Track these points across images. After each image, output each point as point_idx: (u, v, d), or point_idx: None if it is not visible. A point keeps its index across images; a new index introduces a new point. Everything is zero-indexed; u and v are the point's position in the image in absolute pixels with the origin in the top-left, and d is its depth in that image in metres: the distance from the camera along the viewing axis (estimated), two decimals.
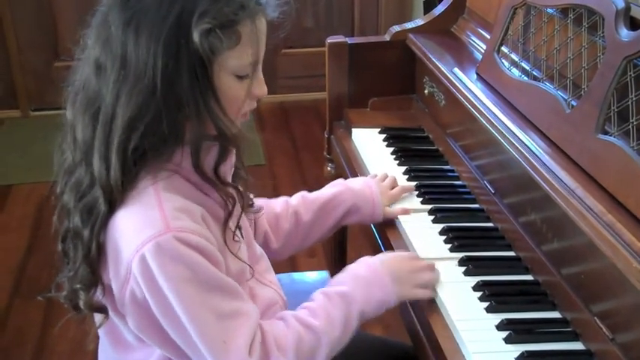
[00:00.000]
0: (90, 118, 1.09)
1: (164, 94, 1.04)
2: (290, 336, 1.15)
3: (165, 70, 1.03)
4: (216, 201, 1.16)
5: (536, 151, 1.34)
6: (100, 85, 1.08)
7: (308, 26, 4.16)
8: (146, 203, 1.08)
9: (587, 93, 1.29)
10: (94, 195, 1.10)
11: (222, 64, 1.07)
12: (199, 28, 1.03)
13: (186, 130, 1.09)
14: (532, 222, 1.37)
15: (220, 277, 1.11)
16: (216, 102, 1.08)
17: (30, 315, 2.53)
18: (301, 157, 3.66)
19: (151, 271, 1.05)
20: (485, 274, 1.34)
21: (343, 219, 1.52)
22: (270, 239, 1.48)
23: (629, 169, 1.14)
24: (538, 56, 1.53)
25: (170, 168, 1.11)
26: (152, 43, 1.03)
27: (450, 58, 1.83)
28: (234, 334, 1.10)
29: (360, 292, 1.22)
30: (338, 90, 2.01)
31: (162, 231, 1.05)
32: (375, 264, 1.27)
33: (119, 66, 1.06)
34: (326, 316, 1.18)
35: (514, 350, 1.16)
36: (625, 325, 1.09)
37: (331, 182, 1.58)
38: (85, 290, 1.14)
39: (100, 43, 1.08)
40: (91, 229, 1.10)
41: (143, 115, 1.05)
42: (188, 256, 1.06)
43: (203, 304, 1.08)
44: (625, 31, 1.24)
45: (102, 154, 1.08)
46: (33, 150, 3.50)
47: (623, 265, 1.05)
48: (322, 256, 2.78)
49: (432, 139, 1.87)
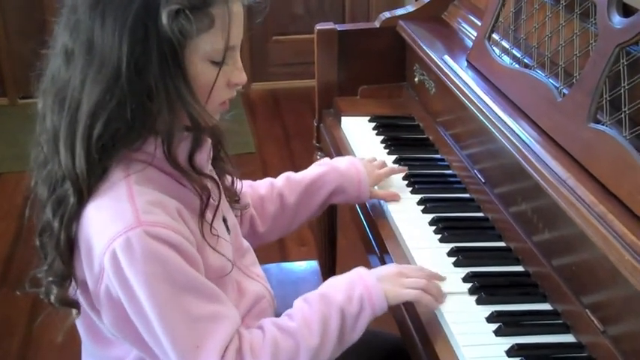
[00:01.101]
0: (58, 106, 1.07)
1: (129, 80, 1.01)
2: (266, 342, 1.12)
3: (131, 55, 1.00)
4: (193, 192, 1.12)
5: (527, 140, 1.32)
6: (68, 73, 1.05)
7: (299, 13, 4.13)
8: (117, 196, 1.05)
9: (579, 81, 1.27)
10: (65, 187, 1.07)
11: (195, 49, 1.04)
12: (167, 9, 0.99)
13: (158, 119, 1.05)
14: (523, 212, 1.35)
15: (196, 278, 1.07)
16: (188, 89, 1.04)
17: (17, 305, 2.50)
18: (292, 145, 3.64)
19: (122, 268, 1.02)
20: (475, 265, 1.33)
21: (329, 199, 1.50)
22: (256, 223, 1.45)
23: (621, 158, 1.12)
24: (529, 43, 1.51)
25: (143, 159, 1.08)
26: (118, 27, 1.00)
27: (440, 45, 1.81)
28: (207, 338, 1.07)
29: (340, 291, 1.16)
30: (327, 78, 1.99)
31: (133, 225, 1.02)
32: (361, 269, 1.22)
33: (85, 51, 1.03)
34: (302, 318, 1.14)
35: (504, 343, 1.15)
36: (616, 318, 1.08)
37: (317, 162, 1.56)
38: (58, 284, 1.12)
39: (68, 30, 1.05)
40: (60, 221, 1.07)
41: (107, 101, 1.02)
42: (160, 252, 1.03)
43: (175, 304, 1.05)
44: (617, 17, 1.22)
45: (67, 143, 1.05)
46: (21, 138, 3.37)
47: (614, 256, 1.04)
48: (313, 244, 2.77)
49: (423, 127, 1.85)
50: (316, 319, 1.13)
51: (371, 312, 1.16)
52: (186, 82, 1.04)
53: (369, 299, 1.16)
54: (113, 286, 1.05)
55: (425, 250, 1.38)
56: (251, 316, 1.26)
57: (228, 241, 1.22)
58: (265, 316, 1.30)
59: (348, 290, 1.16)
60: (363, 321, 1.16)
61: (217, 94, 1.10)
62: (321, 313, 1.14)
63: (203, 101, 1.08)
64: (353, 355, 1.32)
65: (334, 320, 1.14)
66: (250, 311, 1.27)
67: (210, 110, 1.10)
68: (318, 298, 1.17)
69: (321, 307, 1.15)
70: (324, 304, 1.15)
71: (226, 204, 1.29)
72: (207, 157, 1.18)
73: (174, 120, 1.05)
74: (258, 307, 1.28)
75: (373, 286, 1.17)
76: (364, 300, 1.16)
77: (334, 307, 1.14)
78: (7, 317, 2.50)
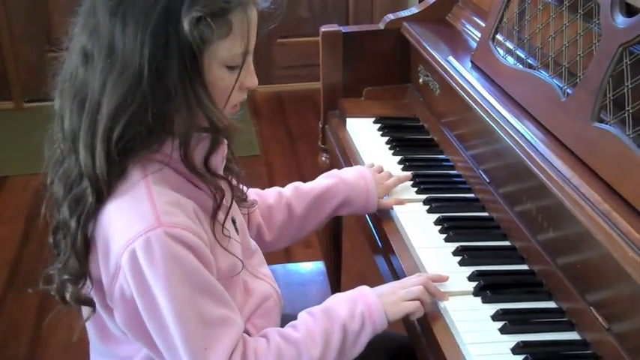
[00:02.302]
0: (77, 107, 1.08)
1: (151, 84, 1.02)
2: (270, 349, 1.13)
3: (152, 59, 1.02)
4: (207, 193, 1.14)
5: (532, 139, 1.33)
6: (87, 75, 1.07)
7: (303, 15, 4.14)
8: (137, 197, 1.06)
9: (583, 81, 1.27)
10: (83, 186, 1.08)
11: (213, 55, 1.06)
12: (189, 17, 1.01)
13: (176, 121, 1.07)
14: (527, 211, 1.36)
15: (211, 281, 1.09)
16: (206, 93, 1.06)
17: (25, 307, 2.52)
18: (296, 148, 3.64)
19: (140, 267, 1.04)
20: (480, 264, 1.33)
21: (336, 211, 1.51)
22: (263, 231, 1.46)
23: (624, 157, 1.13)
24: (533, 44, 1.51)
25: (160, 159, 1.09)
26: (139, 32, 1.01)
27: (444, 46, 1.81)
28: (216, 341, 1.08)
29: (343, 307, 1.18)
30: (332, 79, 2.00)
31: (154, 225, 1.03)
32: (363, 287, 1.24)
33: (106, 55, 1.04)
34: (306, 329, 1.16)
35: (509, 340, 1.15)
36: (621, 315, 1.08)
37: (325, 173, 1.56)
38: (73, 282, 1.12)
39: (87, 32, 1.06)
40: (78, 220, 1.08)
41: (128, 105, 1.03)
42: (179, 253, 1.04)
43: (191, 306, 1.06)
44: (621, 17, 1.23)
45: (87, 144, 1.06)
46: (27, 141, 3.44)
47: (619, 254, 1.04)
48: (318, 246, 2.77)
49: (427, 128, 1.85)
50: (319, 332, 1.15)
51: (372, 329, 1.19)
52: (203, 86, 1.06)
53: (370, 316, 1.18)
54: (128, 286, 1.06)
55: (430, 249, 1.39)
56: (258, 315, 1.28)
57: (238, 242, 1.23)
58: (272, 316, 1.31)
59: (350, 307, 1.18)
60: (364, 337, 1.18)
61: (232, 97, 1.12)
62: (324, 327, 1.16)
63: (220, 104, 1.10)
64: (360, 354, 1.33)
65: (336, 335, 1.16)
66: (257, 310, 1.28)
67: (225, 113, 1.12)
68: (322, 312, 1.19)
69: (324, 322, 1.17)
70: (327, 319, 1.17)
71: (234, 204, 1.30)
72: (222, 158, 1.20)
73: (191, 123, 1.07)
74: (265, 306, 1.29)
75: (374, 304, 1.19)
76: (365, 317, 1.18)
77: (337, 323, 1.17)
78: (14, 318, 2.51)
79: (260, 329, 1.24)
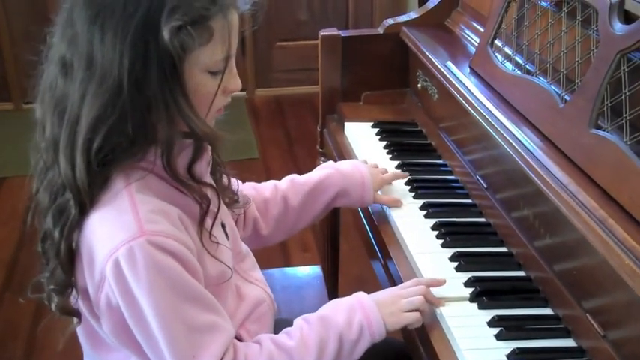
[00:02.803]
0: (57, 117, 1.06)
1: (130, 95, 1.01)
2: (262, 356, 1.12)
3: (132, 69, 1.00)
4: (193, 199, 1.12)
5: (529, 146, 1.33)
6: (66, 85, 1.05)
7: (303, 19, 4.14)
8: (119, 206, 1.05)
9: (581, 87, 1.27)
10: (66, 197, 1.07)
11: (194, 62, 1.04)
12: (169, 26, 0.99)
13: (158, 130, 1.06)
14: (524, 217, 1.35)
15: (197, 288, 1.08)
16: (187, 101, 1.04)
17: (21, 309, 2.52)
18: (295, 151, 3.64)
19: (124, 276, 1.03)
20: (477, 270, 1.33)
21: (333, 202, 1.50)
22: (260, 225, 1.45)
23: (622, 164, 1.12)
24: (531, 50, 1.51)
25: (144, 167, 1.08)
26: (118, 42, 0.99)
27: (443, 51, 1.81)
28: (204, 348, 1.07)
29: (341, 316, 1.17)
30: (331, 83, 2.00)
31: (136, 234, 1.02)
32: (361, 294, 1.23)
33: (85, 65, 1.02)
34: (300, 337, 1.15)
35: (505, 347, 1.15)
36: (617, 322, 1.08)
37: (321, 165, 1.56)
38: (58, 293, 1.12)
39: (66, 42, 1.05)
40: (61, 231, 1.07)
41: (108, 116, 1.02)
42: (163, 261, 1.03)
43: (176, 313, 1.05)
44: (619, 24, 1.23)
45: (67, 156, 1.05)
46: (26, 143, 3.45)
47: (615, 261, 1.04)
48: (315, 250, 2.77)
49: (425, 133, 1.85)
50: (314, 340, 1.14)
51: (370, 339, 1.17)
52: (184, 94, 1.04)
53: (368, 327, 1.17)
54: (113, 295, 1.05)
55: (427, 254, 1.39)
56: (251, 320, 1.27)
57: (227, 247, 1.22)
58: (265, 321, 1.30)
59: (348, 316, 1.17)
60: (361, 347, 1.17)
61: (215, 101, 1.10)
62: (320, 335, 1.15)
63: (204, 111, 1.08)
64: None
65: (332, 343, 1.15)
66: (250, 315, 1.27)
67: (208, 118, 1.11)
68: (318, 319, 1.17)
69: (320, 329, 1.15)
70: (322, 327, 1.16)
71: (224, 209, 1.29)
72: (207, 164, 1.18)
73: (173, 131, 1.05)
74: (257, 311, 1.28)
75: (373, 313, 1.18)
76: (364, 327, 1.17)
77: (333, 331, 1.15)
78: (11, 321, 2.51)
79: (253, 334, 1.24)
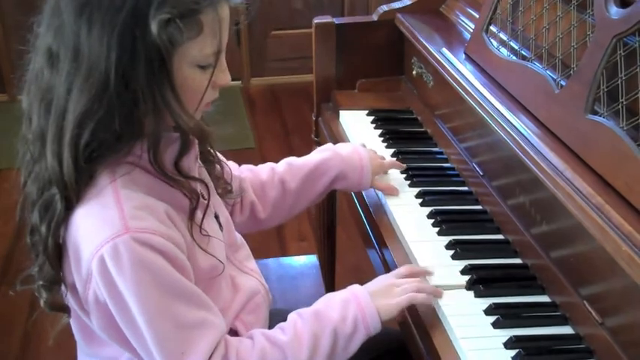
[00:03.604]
0: (44, 110, 1.04)
1: (117, 89, 0.99)
2: (254, 351, 1.11)
3: (119, 64, 0.98)
4: (182, 192, 1.10)
5: (525, 132, 1.32)
6: (52, 77, 1.03)
7: (297, 7, 4.12)
8: (104, 203, 1.03)
9: (577, 72, 1.26)
10: (52, 192, 1.05)
11: (183, 56, 1.02)
12: (158, 19, 0.97)
13: (145, 125, 1.04)
14: (521, 204, 1.35)
15: (184, 284, 1.06)
16: (174, 95, 1.02)
17: (17, 303, 2.50)
18: (291, 140, 3.63)
19: (110, 274, 1.01)
20: (473, 258, 1.32)
21: (331, 185, 1.48)
22: (257, 209, 1.44)
23: (618, 150, 1.11)
24: (527, 35, 1.50)
25: (130, 161, 1.06)
26: (105, 35, 0.97)
27: (438, 38, 1.80)
28: (193, 345, 1.06)
29: (335, 310, 1.16)
30: (325, 71, 1.99)
31: (121, 231, 1.01)
32: (355, 287, 1.21)
33: (71, 58, 1.00)
34: (294, 332, 1.13)
35: (502, 335, 1.15)
36: (614, 309, 1.08)
37: (319, 147, 1.54)
38: (47, 289, 1.11)
39: (52, 32, 1.03)
40: (48, 227, 1.06)
41: (95, 112, 1.00)
42: (148, 258, 1.02)
43: (163, 311, 1.04)
44: (614, 8, 1.21)
45: (54, 151, 1.03)
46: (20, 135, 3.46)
47: (611, 247, 1.03)
48: (312, 240, 2.77)
49: (421, 120, 1.84)
50: (307, 336, 1.13)
51: (365, 332, 1.16)
52: (172, 89, 1.02)
53: (362, 320, 1.16)
54: (101, 292, 1.04)
55: (423, 243, 1.38)
56: (246, 311, 1.26)
57: (220, 240, 1.20)
58: (260, 312, 1.29)
59: (342, 310, 1.16)
60: (356, 341, 1.16)
61: (205, 96, 1.08)
62: (313, 330, 1.14)
63: (193, 105, 1.07)
64: None
65: (326, 338, 1.13)
66: (245, 307, 1.26)
67: (196, 112, 1.09)
68: (312, 314, 1.16)
69: (314, 324, 1.14)
70: (316, 322, 1.15)
71: (218, 199, 1.27)
72: (195, 158, 1.17)
73: (160, 125, 1.04)
74: (252, 302, 1.27)
75: (367, 305, 1.17)
76: (358, 321, 1.15)
77: (327, 326, 1.14)
78: (6, 315, 2.50)
79: (249, 326, 1.23)
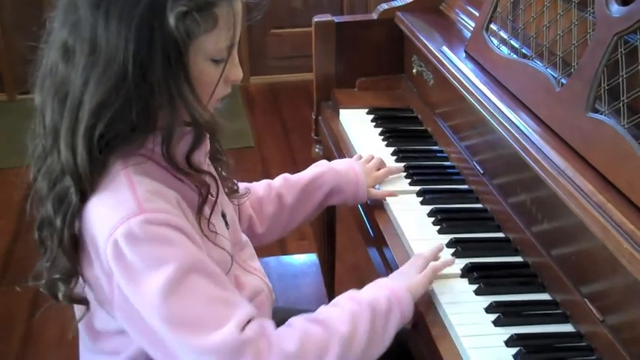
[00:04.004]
0: (58, 104, 1.05)
1: (135, 81, 1.00)
2: (295, 330, 1.08)
3: (137, 55, 0.98)
4: (191, 187, 1.11)
5: (526, 130, 1.32)
6: (67, 71, 1.03)
7: (297, 6, 4.12)
8: (117, 188, 1.04)
9: (577, 70, 1.26)
10: (65, 184, 1.05)
11: (198, 49, 1.03)
12: (175, 12, 0.98)
13: (159, 117, 1.04)
14: (522, 203, 1.35)
15: (204, 260, 1.05)
16: (190, 88, 1.03)
17: (18, 300, 2.51)
18: (291, 139, 3.63)
19: (125, 256, 1.00)
20: (474, 256, 1.32)
21: (326, 200, 1.50)
22: (255, 224, 1.45)
23: (619, 148, 1.11)
24: (527, 33, 1.50)
25: (143, 153, 1.07)
26: (123, 28, 0.98)
27: (438, 36, 1.80)
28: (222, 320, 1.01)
29: (367, 293, 1.16)
30: (325, 70, 1.99)
31: (136, 212, 1.00)
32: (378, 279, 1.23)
33: (88, 51, 1.01)
34: (332, 311, 1.12)
35: (503, 333, 1.15)
36: (615, 307, 1.07)
37: (315, 163, 1.56)
38: (64, 282, 1.10)
39: (68, 27, 1.03)
40: (63, 219, 1.05)
41: (112, 103, 1.00)
42: (164, 234, 1.01)
43: (187, 286, 1.01)
44: (615, 6, 1.21)
45: (68, 142, 1.03)
46: (20, 134, 3.42)
47: (613, 245, 1.03)
48: (312, 238, 2.76)
49: (421, 119, 1.84)
50: (347, 313, 1.12)
51: (399, 313, 1.16)
52: (188, 82, 1.03)
53: (396, 299, 1.16)
54: (117, 276, 1.02)
55: (424, 241, 1.38)
56: None
57: (226, 238, 1.20)
58: (264, 310, 1.29)
59: (374, 291, 1.17)
60: (393, 321, 1.15)
61: (216, 91, 1.09)
62: (350, 309, 1.13)
63: (205, 99, 1.07)
64: None
65: (364, 313, 1.12)
66: None
67: (208, 107, 1.09)
68: (346, 298, 1.16)
69: (350, 304, 1.14)
70: (352, 302, 1.14)
71: (225, 198, 1.28)
72: (205, 152, 1.17)
73: (174, 118, 1.04)
74: (256, 301, 1.27)
75: (397, 287, 1.18)
76: (392, 300, 1.16)
77: (364, 303, 1.14)
78: (7, 312, 2.50)
79: None
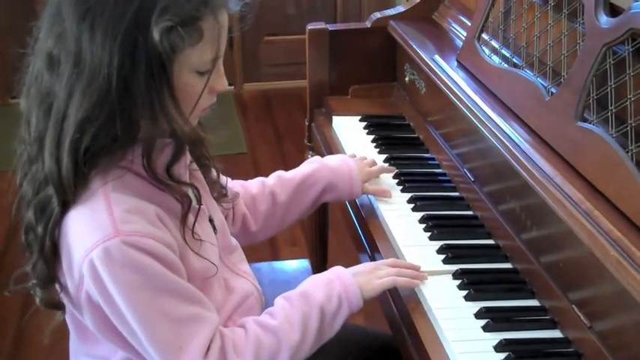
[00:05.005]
0: (43, 113, 1.05)
1: (119, 95, 1.00)
2: (249, 339, 1.13)
3: (121, 69, 0.99)
4: (172, 196, 1.11)
5: (516, 139, 1.33)
6: (52, 81, 1.04)
7: (290, 13, 4.13)
8: (95, 206, 1.05)
9: (567, 80, 1.28)
10: (48, 193, 1.06)
11: (183, 62, 1.03)
12: (160, 26, 0.98)
13: (141, 129, 1.05)
14: (511, 210, 1.36)
15: (176, 281, 1.07)
16: (173, 101, 1.03)
17: (9, 304, 2.50)
18: (284, 146, 3.64)
19: (100, 277, 1.03)
20: (464, 263, 1.34)
21: (321, 197, 1.50)
22: (249, 222, 1.45)
23: (607, 156, 1.13)
24: (518, 43, 1.52)
25: (122, 165, 1.07)
26: (108, 41, 0.98)
27: (430, 45, 1.82)
28: (190, 339, 1.07)
29: (320, 290, 1.19)
30: (318, 77, 2.00)
31: (111, 235, 1.02)
32: (339, 268, 1.25)
33: (73, 62, 1.01)
34: (284, 316, 1.16)
35: (493, 338, 1.16)
36: (602, 313, 1.09)
37: (308, 160, 1.56)
38: (41, 287, 1.12)
39: (54, 37, 1.04)
40: (45, 227, 1.07)
41: (96, 117, 1.01)
42: (138, 260, 1.03)
43: (155, 309, 1.05)
44: (604, 17, 1.23)
45: (52, 153, 1.04)
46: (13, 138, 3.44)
47: (600, 252, 1.05)
48: (304, 244, 2.77)
49: (413, 126, 1.86)
50: (297, 317, 1.16)
51: (348, 309, 1.20)
52: (171, 95, 1.03)
53: (346, 297, 1.19)
54: (93, 293, 1.05)
55: (415, 247, 1.39)
56: (239, 313, 1.27)
57: (213, 244, 1.22)
58: (253, 313, 1.31)
59: (327, 289, 1.19)
60: (340, 318, 1.20)
61: (201, 102, 1.09)
62: (302, 311, 1.16)
63: (188, 111, 1.08)
64: (345, 353, 1.33)
65: (314, 317, 1.16)
66: (238, 308, 1.27)
67: (192, 117, 1.10)
68: (299, 296, 1.19)
69: (302, 305, 1.17)
70: (304, 302, 1.17)
71: (213, 203, 1.29)
72: (185, 164, 1.18)
73: (155, 130, 1.05)
74: (246, 304, 1.28)
75: (350, 283, 1.21)
76: (342, 298, 1.19)
77: (314, 305, 1.17)
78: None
79: None
